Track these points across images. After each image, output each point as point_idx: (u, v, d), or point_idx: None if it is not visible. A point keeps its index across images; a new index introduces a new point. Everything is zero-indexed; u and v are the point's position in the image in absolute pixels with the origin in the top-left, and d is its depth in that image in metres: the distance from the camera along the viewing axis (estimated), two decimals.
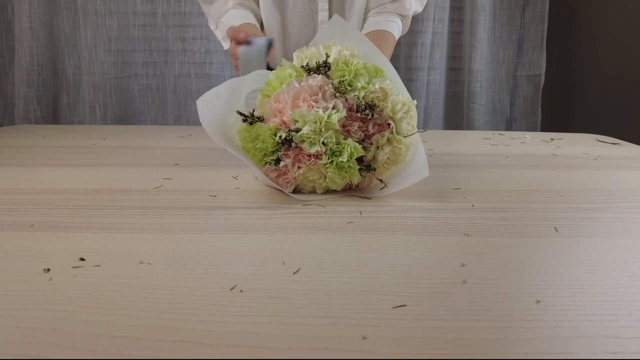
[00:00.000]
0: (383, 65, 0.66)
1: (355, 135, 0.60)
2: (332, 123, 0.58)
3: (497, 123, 1.66)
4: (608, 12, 1.46)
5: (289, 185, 0.62)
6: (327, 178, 0.61)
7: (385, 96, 0.61)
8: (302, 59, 0.65)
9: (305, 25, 0.98)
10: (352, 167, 0.60)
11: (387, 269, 0.43)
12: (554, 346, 0.32)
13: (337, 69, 0.62)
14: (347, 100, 0.61)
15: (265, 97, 0.64)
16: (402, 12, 1.00)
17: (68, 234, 0.50)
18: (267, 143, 0.60)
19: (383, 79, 0.64)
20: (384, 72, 0.65)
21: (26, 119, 1.43)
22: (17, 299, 0.37)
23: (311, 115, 0.58)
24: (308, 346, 0.32)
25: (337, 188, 0.63)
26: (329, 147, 0.59)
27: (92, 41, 1.44)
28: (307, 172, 0.60)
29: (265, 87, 0.64)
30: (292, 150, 0.60)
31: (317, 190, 0.63)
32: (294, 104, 0.60)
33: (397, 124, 0.62)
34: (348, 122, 0.60)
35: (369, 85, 0.61)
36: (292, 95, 0.60)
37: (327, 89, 0.61)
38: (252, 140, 0.61)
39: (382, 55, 0.67)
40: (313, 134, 0.58)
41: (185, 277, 0.41)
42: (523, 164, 0.83)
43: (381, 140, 0.61)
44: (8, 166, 0.76)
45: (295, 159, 0.60)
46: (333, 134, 0.59)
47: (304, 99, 0.60)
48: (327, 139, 0.58)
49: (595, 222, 0.55)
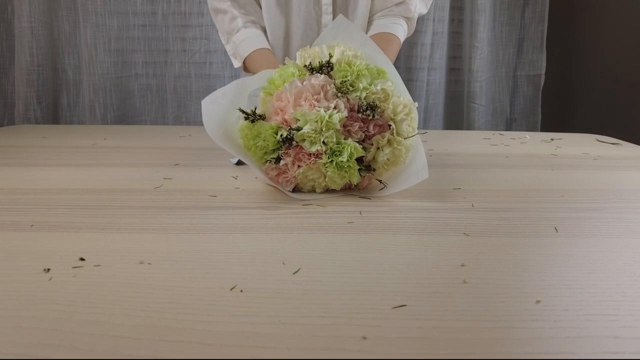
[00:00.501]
0: (385, 66, 0.66)
1: (355, 135, 0.61)
2: (333, 123, 0.59)
3: (497, 123, 1.66)
4: (608, 12, 1.46)
5: (288, 184, 0.63)
6: (327, 177, 0.61)
7: (387, 97, 0.62)
8: (305, 58, 0.65)
9: (309, 28, 0.98)
10: (352, 167, 0.60)
11: (387, 269, 0.43)
12: (554, 346, 0.32)
13: (340, 69, 0.62)
14: (349, 101, 0.61)
15: (267, 95, 0.64)
16: (407, 15, 1.00)
17: (68, 234, 0.50)
18: (268, 141, 0.60)
19: (385, 81, 0.64)
20: (386, 74, 0.65)
21: (26, 119, 1.43)
22: (17, 299, 0.37)
23: (312, 115, 0.59)
24: (308, 346, 0.32)
25: (336, 187, 0.63)
26: (330, 146, 0.59)
27: (92, 41, 1.44)
28: (307, 171, 0.61)
29: (268, 86, 0.65)
30: (292, 149, 0.60)
31: (316, 189, 0.64)
32: (295, 102, 0.60)
33: (397, 125, 0.62)
34: (349, 122, 0.61)
35: (370, 87, 0.62)
36: (294, 94, 0.61)
37: (329, 88, 0.61)
38: (253, 138, 0.61)
39: (384, 57, 0.67)
40: (314, 133, 0.58)
41: (185, 277, 0.41)
42: (523, 164, 0.83)
43: (381, 141, 0.61)
44: (8, 166, 0.76)
45: (296, 157, 0.60)
46: (334, 133, 0.59)
47: (305, 98, 0.60)
48: (327, 139, 0.59)
49: (595, 222, 0.55)
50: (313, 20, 0.98)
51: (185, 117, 1.55)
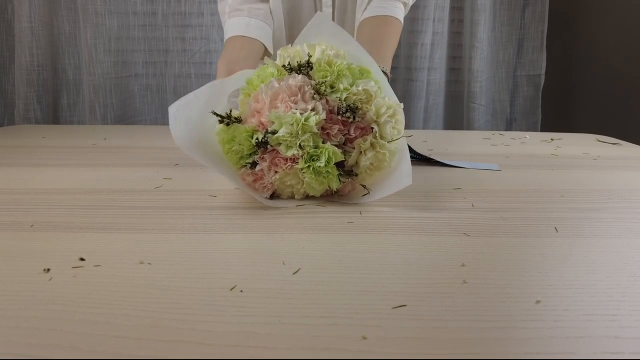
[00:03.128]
0: (370, 66, 0.63)
1: (335, 138, 0.58)
2: (309, 126, 0.55)
3: (497, 123, 1.66)
4: (608, 12, 1.46)
5: (265, 190, 0.60)
6: (305, 183, 0.58)
7: (369, 99, 0.59)
8: (284, 57, 0.62)
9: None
10: (330, 173, 0.57)
11: (387, 269, 0.43)
12: (554, 346, 0.32)
13: (319, 69, 0.59)
14: (328, 102, 0.58)
15: (246, 97, 0.61)
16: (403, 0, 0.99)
17: (68, 234, 0.50)
18: (243, 145, 0.57)
19: (368, 81, 0.60)
20: (370, 73, 0.62)
21: (26, 119, 1.43)
22: (17, 299, 0.37)
23: (288, 117, 0.56)
24: (308, 346, 0.32)
25: (315, 194, 0.60)
26: (307, 150, 0.56)
27: (92, 41, 1.44)
28: (284, 176, 0.58)
29: (246, 86, 0.62)
30: (268, 153, 0.57)
31: (295, 195, 0.61)
32: (271, 104, 0.57)
33: (381, 128, 0.59)
34: (328, 124, 0.57)
35: (352, 87, 0.58)
36: (270, 95, 0.57)
37: (306, 89, 0.58)
38: (228, 142, 0.58)
39: (368, 57, 0.64)
40: (289, 137, 0.55)
41: (185, 277, 0.41)
42: (523, 164, 0.83)
43: (364, 144, 0.58)
44: (8, 166, 0.76)
45: (272, 162, 0.57)
46: (310, 137, 0.56)
47: (282, 100, 0.57)
48: (304, 142, 0.56)
49: (595, 222, 0.55)
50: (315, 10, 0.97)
51: None
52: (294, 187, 0.59)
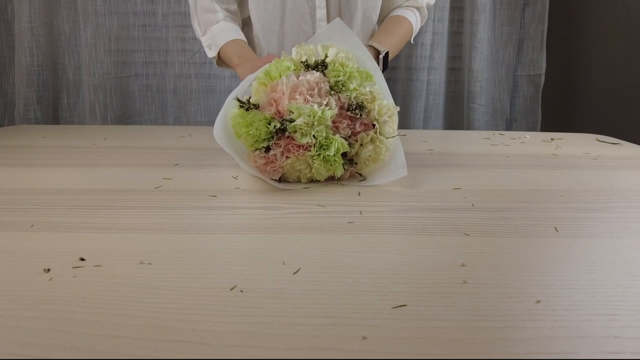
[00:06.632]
0: (373, 71, 0.71)
1: (343, 131, 0.66)
2: (324, 118, 0.63)
3: (497, 123, 1.66)
4: (608, 12, 1.46)
5: (275, 173, 0.66)
6: (313, 169, 0.65)
7: (374, 99, 0.67)
8: (301, 54, 0.69)
9: (304, 22, 1.01)
10: (337, 161, 0.65)
11: (387, 269, 0.43)
12: (554, 346, 0.32)
13: (333, 69, 0.67)
14: (340, 99, 0.66)
15: (261, 85, 0.67)
16: (416, 5, 1.07)
17: (68, 234, 0.50)
18: (261, 130, 0.63)
19: (372, 84, 0.69)
20: (373, 78, 0.71)
21: (26, 119, 1.43)
22: (17, 299, 0.37)
23: (306, 109, 0.62)
24: (308, 346, 0.32)
25: (320, 179, 0.67)
26: (319, 140, 0.63)
27: (92, 41, 1.44)
28: (295, 162, 0.65)
29: (263, 76, 0.68)
30: (283, 139, 0.64)
31: (301, 179, 0.68)
32: (291, 95, 0.64)
33: (381, 125, 0.68)
34: (338, 119, 0.65)
35: (360, 88, 0.67)
36: (290, 87, 0.64)
37: (323, 86, 0.65)
38: (245, 126, 0.64)
39: (374, 63, 0.73)
40: (306, 126, 0.62)
41: (185, 277, 0.41)
42: (523, 164, 0.83)
43: (366, 138, 0.67)
44: (8, 166, 0.76)
45: (285, 148, 0.64)
46: (324, 128, 0.63)
47: (300, 92, 0.64)
48: (317, 133, 0.63)
49: (595, 222, 0.55)
50: (307, 14, 1.00)
51: (185, 117, 1.54)
52: (301, 171, 0.66)
